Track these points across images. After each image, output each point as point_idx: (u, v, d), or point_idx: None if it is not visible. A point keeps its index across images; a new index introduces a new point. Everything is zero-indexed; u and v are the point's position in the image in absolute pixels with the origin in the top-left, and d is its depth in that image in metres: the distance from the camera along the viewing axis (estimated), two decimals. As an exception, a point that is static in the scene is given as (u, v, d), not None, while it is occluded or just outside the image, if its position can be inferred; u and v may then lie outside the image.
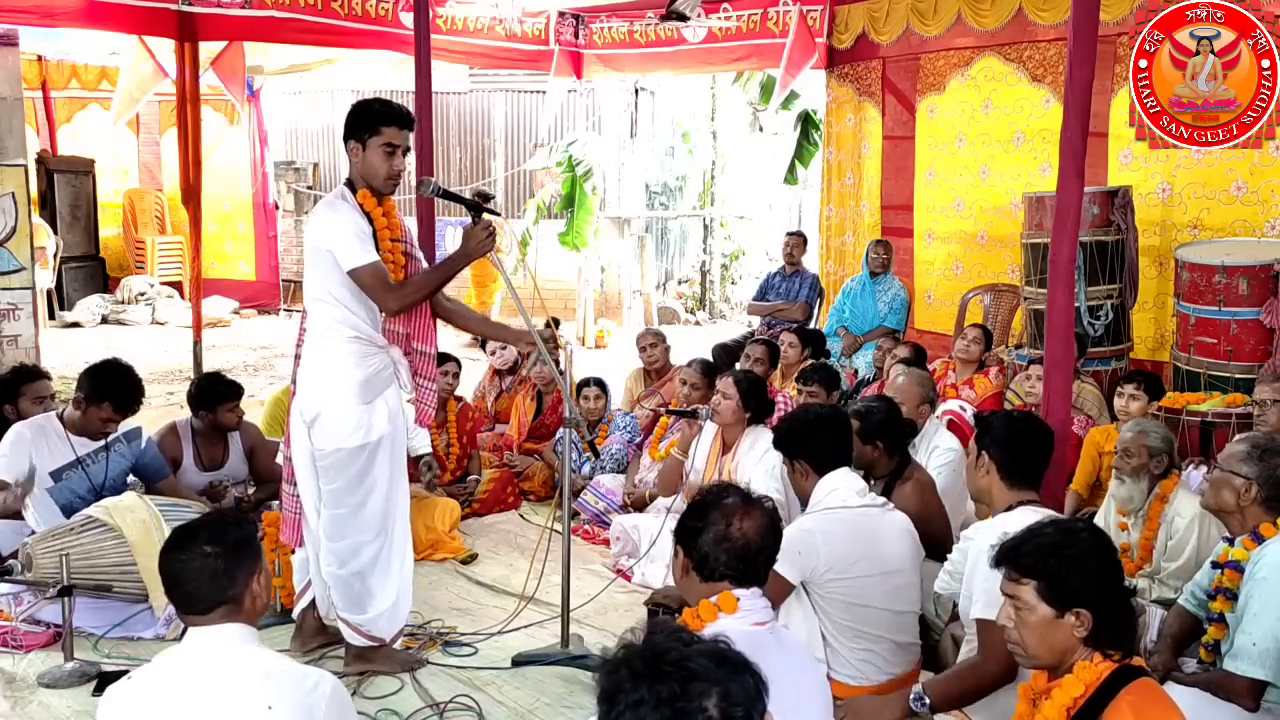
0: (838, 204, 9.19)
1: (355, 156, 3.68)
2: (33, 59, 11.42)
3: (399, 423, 3.81)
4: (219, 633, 2.31)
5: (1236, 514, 3.09)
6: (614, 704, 1.55)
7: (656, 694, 1.52)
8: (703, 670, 1.55)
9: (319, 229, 3.63)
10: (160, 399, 7.79)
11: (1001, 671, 2.83)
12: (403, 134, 3.67)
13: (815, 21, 8.80)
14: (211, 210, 11.66)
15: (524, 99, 13.43)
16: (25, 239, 7.32)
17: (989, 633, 2.81)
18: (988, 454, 3.20)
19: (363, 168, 3.68)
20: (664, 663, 1.56)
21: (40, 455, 4.33)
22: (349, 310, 3.63)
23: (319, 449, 3.65)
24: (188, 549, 2.35)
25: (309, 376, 3.68)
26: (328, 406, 3.63)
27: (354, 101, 3.80)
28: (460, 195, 3.95)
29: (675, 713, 1.52)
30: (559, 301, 12.88)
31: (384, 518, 3.76)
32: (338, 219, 3.60)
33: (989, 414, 3.50)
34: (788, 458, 3.58)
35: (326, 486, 3.68)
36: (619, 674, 1.57)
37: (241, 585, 2.34)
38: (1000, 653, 2.79)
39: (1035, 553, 2.29)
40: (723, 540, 2.41)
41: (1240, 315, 5.48)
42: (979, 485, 3.26)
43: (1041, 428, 3.40)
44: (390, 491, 3.77)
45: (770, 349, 6.54)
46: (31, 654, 3.94)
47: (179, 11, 7.42)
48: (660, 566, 4.60)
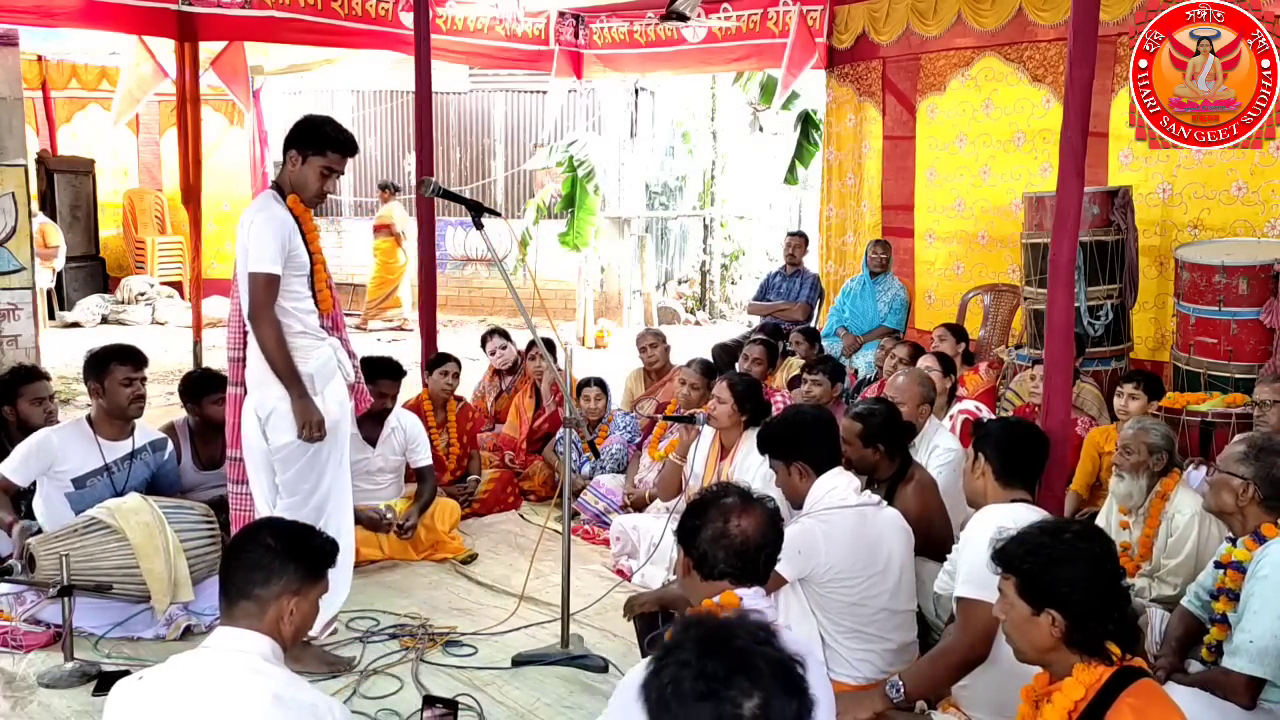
0: (838, 204, 9.19)
1: (292, 165, 3.82)
2: (33, 59, 11.43)
3: (346, 408, 3.95)
4: (240, 640, 2.29)
5: (1237, 515, 3.09)
6: (667, 655, 1.59)
7: (703, 666, 1.55)
8: (757, 671, 1.56)
9: (244, 230, 3.75)
10: (160, 399, 7.78)
11: (972, 649, 2.89)
12: (344, 161, 3.84)
13: (815, 21, 8.80)
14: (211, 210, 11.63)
15: (524, 99, 13.43)
16: (25, 239, 7.31)
17: (966, 611, 2.87)
18: (984, 456, 3.26)
19: (296, 178, 3.83)
20: (729, 644, 1.58)
21: (69, 460, 4.31)
22: (296, 305, 3.77)
23: (274, 444, 3.78)
24: (256, 533, 2.42)
25: (261, 374, 3.77)
26: (279, 403, 3.74)
27: (306, 114, 3.94)
28: (460, 195, 4.04)
29: (709, 691, 1.54)
30: (559, 301, 12.89)
31: (323, 505, 3.87)
32: (269, 222, 3.72)
33: (987, 421, 3.54)
34: (783, 461, 3.55)
35: (281, 476, 3.81)
36: (687, 632, 1.61)
37: (273, 592, 2.32)
38: (974, 631, 2.87)
39: (1018, 549, 2.34)
40: (721, 538, 2.41)
41: (1240, 315, 5.48)
42: (974, 488, 3.31)
43: (1038, 433, 3.46)
44: (333, 481, 3.90)
45: (769, 349, 6.53)
46: (31, 654, 3.93)
47: (179, 11, 7.43)
48: (660, 569, 4.60)
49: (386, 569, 4.98)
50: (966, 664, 2.93)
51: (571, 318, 12.21)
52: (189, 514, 4.26)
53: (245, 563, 2.34)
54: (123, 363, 4.43)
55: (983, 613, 2.77)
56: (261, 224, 3.72)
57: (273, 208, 3.77)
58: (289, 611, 2.34)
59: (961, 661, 2.93)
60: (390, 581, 4.83)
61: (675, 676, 1.56)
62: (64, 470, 4.30)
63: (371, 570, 4.92)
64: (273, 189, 3.86)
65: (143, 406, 4.50)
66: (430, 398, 5.85)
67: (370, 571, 4.91)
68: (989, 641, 2.86)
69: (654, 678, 1.59)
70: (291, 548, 2.38)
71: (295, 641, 2.43)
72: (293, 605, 2.34)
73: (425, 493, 5.19)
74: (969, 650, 2.91)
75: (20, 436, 4.55)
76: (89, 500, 4.26)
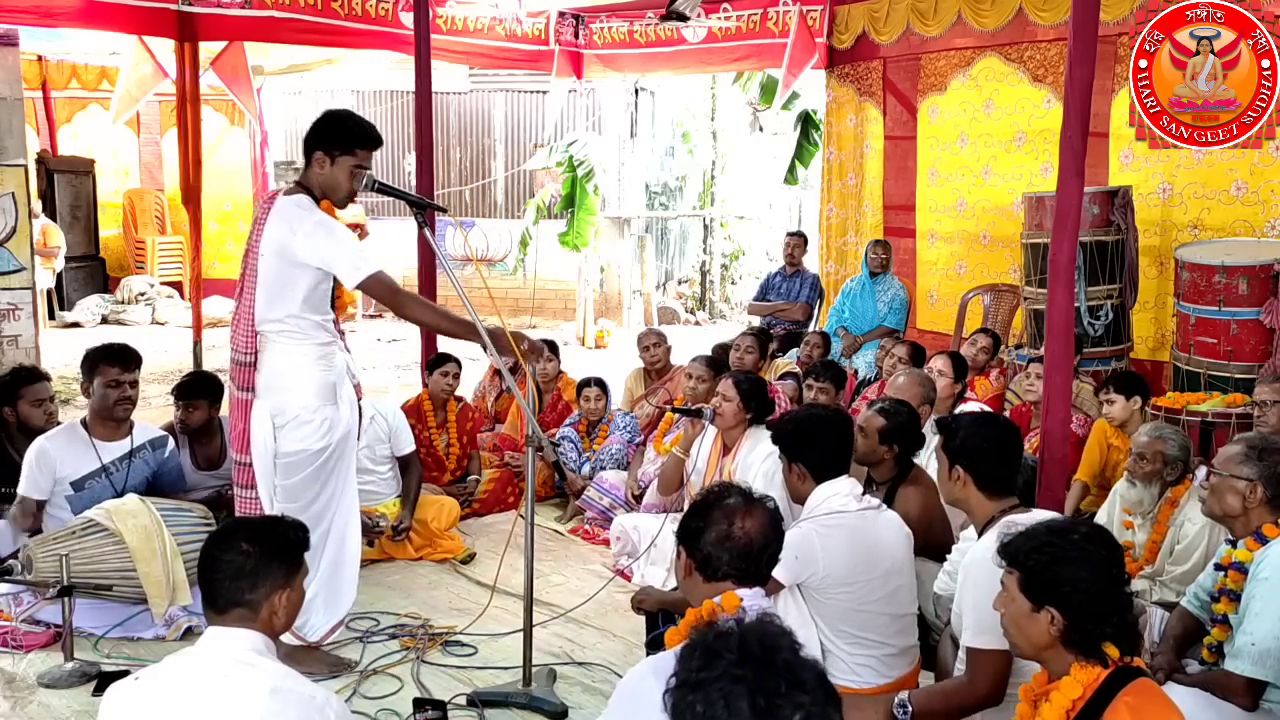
0: (839, 204, 9.18)
1: (320, 168, 3.65)
2: (33, 59, 11.42)
3: (355, 413, 3.87)
4: (233, 638, 2.29)
5: (1241, 517, 3.07)
6: (710, 665, 1.55)
7: (760, 680, 1.52)
8: (809, 686, 1.55)
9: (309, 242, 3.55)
10: (160, 399, 7.78)
11: (986, 699, 2.82)
12: (370, 157, 3.69)
13: (815, 21, 8.81)
14: (212, 210, 11.67)
15: (524, 99, 13.43)
16: (25, 239, 7.31)
17: (978, 660, 2.80)
18: (961, 466, 3.07)
19: (325, 181, 3.67)
20: (777, 657, 1.56)
21: (66, 465, 4.30)
22: (325, 317, 3.68)
23: (283, 450, 3.67)
24: (227, 540, 2.37)
25: (278, 382, 3.67)
26: (302, 411, 3.66)
27: (326, 111, 3.79)
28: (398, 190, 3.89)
29: (767, 706, 1.51)
30: (559, 301, 12.90)
31: (324, 512, 3.77)
32: (335, 227, 3.60)
33: (950, 419, 3.38)
34: (786, 458, 3.53)
35: (282, 482, 3.70)
36: (728, 641, 1.57)
37: (262, 594, 2.32)
38: (988, 680, 2.79)
39: (1024, 545, 2.33)
40: (725, 540, 2.41)
41: (1240, 315, 5.47)
42: (955, 496, 3.15)
43: (1009, 428, 3.28)
44: (336, 492, 3.81)
45: (760, 342, 6.49)
46: (31, 654, 3.93)
47: (179, 11, 7.43)
48: (661, 569, 4.60)
49: (387, 569, 4.98)
50: (978, 709, 2.87)
51: (571, 318, 12.21)
52: (187, 516, 4.25)
53: (228, 572, 2.32)
54: (111, 363, 4.38)
55: (996, 662, 2.74)
56: (327, 230, 3.56)
57: (318, 212, 3.61)
58: (280, 606, 2.36)
59: (974, 707, 2.86)
60: (390, 581, 4.83)
61: (728, 693, 1.52)
62: (62, 475, 4.30)
63: (372, 570, 4.91)
64: (304, 194, 3.66)
65: (130, 409, 4.45)
66: (430, 398, 5.85)
67: (370, 572, 4.90)
68: (1003, 689, 2.79)
69: (694, 693, 1.54)
70: (269, 548, 2.36)
71: (287, 629, 2.44)
72: (283, 599, 2.36)
73: (413, 485, 5.18)
74: (983, 700, 2.83)
75: (20, 438, 4.56)
76: (88, 502, 4.26)
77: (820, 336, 7.12)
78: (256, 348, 3.68)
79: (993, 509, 3.06)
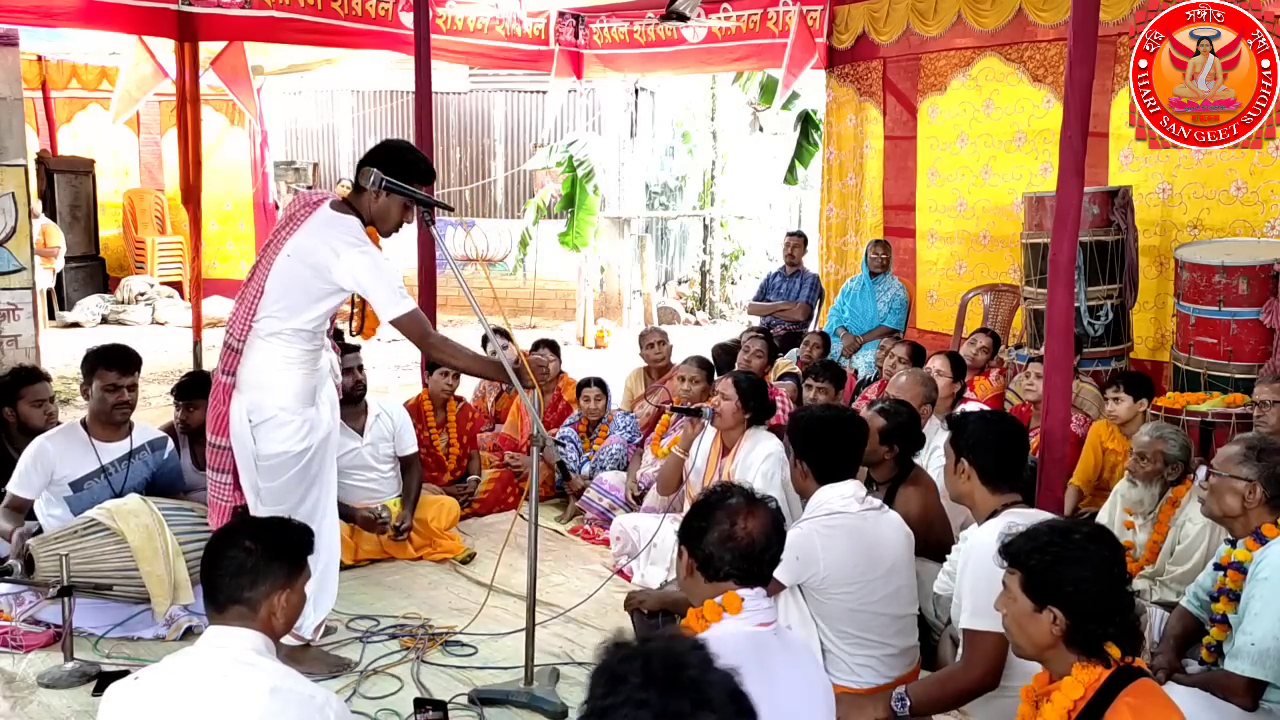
0: (839, 204, 9.19)
1: (376, 197, 3.61)
2: (33, 59, 11.42)
3: (336, 414, 3.87)
4: (233, 638, 2.29)
5: (1241, 517, 3.08)
6: (614, 690, 1.50)
7: (665, 704, 1.47)
8: (717, 702, 1.50)
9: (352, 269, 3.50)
10: (160, 399, 7.78)
11: (982, 681, 2.84)
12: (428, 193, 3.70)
13: (815, 21, 8.81)
14: (212, 210, 11.66)
15: (524, 99, 13.43)
16: (25, 239, 7.31)
17: (974, 642, 2.82)
18: (966, 460, 3.13)
19: (378, 211, 3.64)
20: (682, 676, 1.51)
21: (65, 465, 4.29)
22: (313, 321, 3.64)
23: (262, 452, 3.63)
24: (231, 537, 2.38)
25: (258, 379, 3.62)
26: (279, 412, 3.62)
27: (386, 141, 3.74)
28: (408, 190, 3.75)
29: None
30: (559, 301, 12.90)
31: (313, 513, 3.74)
32: (381, 260, 3.55)
33: (962, 415, 3.41)
34: (794, 454, 3.51)
35: (265, 484, 3.67)
36: (632, 664, 1.51)
37: (262, 593, 2.32)
38: (984, 662, 2.81)
39: (1026, 545, 2.33)
40: (727, 540, 2.41)
41: (1240, 315, 5.48)
42: (959, 489, 3.19)
43: (1016, 425, 3.33)
44: (320, 491, 3.80)
45: (769, 344, 6.52)
46: (31, 654, 3.93)
47: (179, 11, 7.43)
48: (660, 569, 4.60)
49: (387, 569, 4.98)
50: (975, 694, 2.89)
51: (571, 318, 12.22)
52: (188, 516, 4.25)
53: (229, 569, 2.33)
54: (109, 367, 4.36)
55: (992, 643, 2.75)
56: (373, 261, 3.51)
57: (367, 242, 3.56)
58: (280, 607, 2.36)
59: (971, 691, 2.88)
60: (390, 581, 4.83)
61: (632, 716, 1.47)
62: (61, 475, 4.29)
63: (371, 570, 4.92)
64: (355, 217, 3.61)
65: (128, 413, 4.43)
66: (430, 398, 5.85)
67: (370, 571, 4.91)
68: (999, 673, 2.81)
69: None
70: (272, 547, 2.37)
71: (286, 631, 2.45)
72: (283, 600, 2.36)
73: (414, 485, 5.17)
74: (979, 683, 2.85)
75: (20, 438, 4.55)
76: (88, 502, 4.25)
77: (820, 336, 7.13)
78: (248, 339, 3.65)
79: (996, 503, 3.09)
